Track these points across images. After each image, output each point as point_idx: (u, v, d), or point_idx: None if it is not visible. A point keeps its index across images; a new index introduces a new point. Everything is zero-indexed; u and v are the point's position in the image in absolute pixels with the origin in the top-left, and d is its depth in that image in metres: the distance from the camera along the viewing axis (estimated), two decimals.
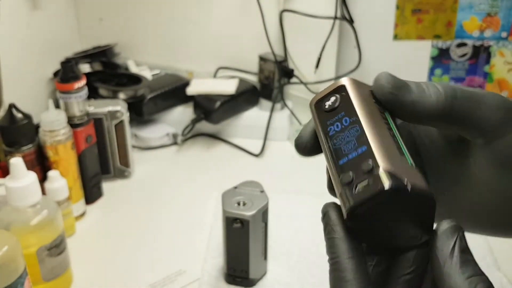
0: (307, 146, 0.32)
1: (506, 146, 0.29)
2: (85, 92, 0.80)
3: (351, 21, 1.07)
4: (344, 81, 0.30)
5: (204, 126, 1.06)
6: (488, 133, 0.29)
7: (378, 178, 0.25)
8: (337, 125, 0.29)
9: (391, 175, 0.25)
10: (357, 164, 0.26)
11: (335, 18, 1.05)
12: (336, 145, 0.28)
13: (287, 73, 1.07)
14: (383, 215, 0.26)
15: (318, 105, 0.31)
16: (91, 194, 0.84)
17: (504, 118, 0.29)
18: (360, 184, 0.26)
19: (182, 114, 1.08)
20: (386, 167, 0.25)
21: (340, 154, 0.28)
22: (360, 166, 0.26)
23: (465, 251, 0.27)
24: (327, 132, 0.29)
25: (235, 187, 0.66)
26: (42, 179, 0.73)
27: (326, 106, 0.30)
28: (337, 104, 0.29)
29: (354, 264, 0.28)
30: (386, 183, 0.25)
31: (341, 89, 0.30)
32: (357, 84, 0.30)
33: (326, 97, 0.30)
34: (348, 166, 0.27)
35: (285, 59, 1.08)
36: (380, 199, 0.25)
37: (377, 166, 0.25)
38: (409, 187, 0.25)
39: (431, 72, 1.12)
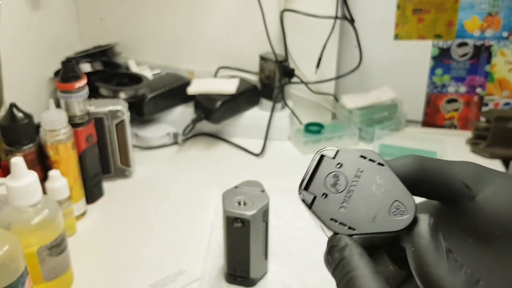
0: None
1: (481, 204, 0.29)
2: (85, 91, 0.80)
3: (352, 21, 1.07)
4: None
5: (205, 125, 1.06)
6: (463, 197, 0.29)
7: None
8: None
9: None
10: None
11: (336, 17, 1.05)
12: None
13: (287, 73, 1.07)
14: None
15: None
16: (92, 193, 0.84)
17: (473, 181, 0.29)
18: None
19: (182, 114, 1.08)
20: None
21: None
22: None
23: (451, 251, 0.26)
24: None
25: (236, 187, 0.66)
26: (43, 178, 0.73)
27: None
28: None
29: (381, 279, 0.26)
30: None
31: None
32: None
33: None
34: None
35: (286, 59, 1.08)
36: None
37: None
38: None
39: (432, 72, 1.12)
